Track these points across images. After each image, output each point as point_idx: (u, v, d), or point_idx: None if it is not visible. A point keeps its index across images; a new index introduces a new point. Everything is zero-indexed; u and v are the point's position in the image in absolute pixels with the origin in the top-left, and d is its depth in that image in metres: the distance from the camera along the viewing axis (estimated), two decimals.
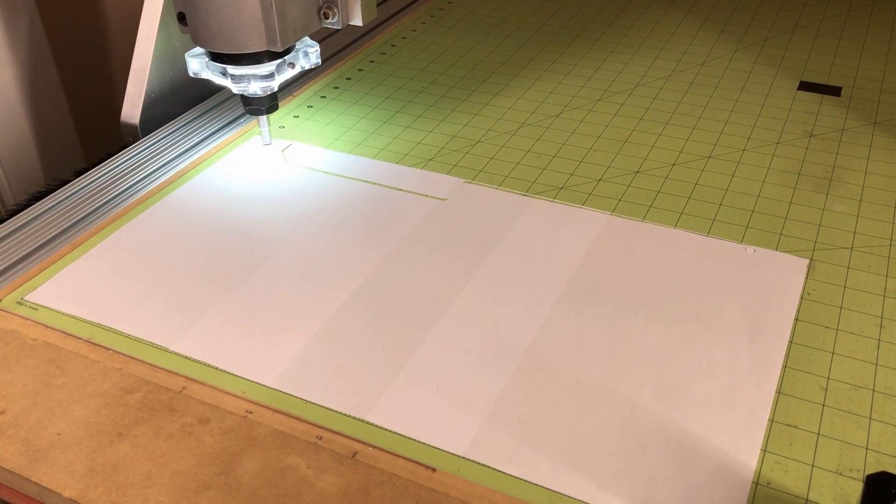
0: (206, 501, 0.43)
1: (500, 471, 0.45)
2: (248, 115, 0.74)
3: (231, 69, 0.66)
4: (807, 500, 0.43)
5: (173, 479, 0.45)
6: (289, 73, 0.67)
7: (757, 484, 0.44)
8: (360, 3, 0.65)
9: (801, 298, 0.56)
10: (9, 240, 0.64)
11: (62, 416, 0.48)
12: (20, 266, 0.61)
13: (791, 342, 0.52)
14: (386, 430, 0.47)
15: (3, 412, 0.49)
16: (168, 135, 0.77)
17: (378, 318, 0.55)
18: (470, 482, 0.44)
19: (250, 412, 0.49)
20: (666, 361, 0.51)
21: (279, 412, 0.48)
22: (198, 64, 0.67)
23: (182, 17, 0.64)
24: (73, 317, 0.56)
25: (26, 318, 0.56)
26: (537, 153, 0.73)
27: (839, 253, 0.60)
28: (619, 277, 0.58)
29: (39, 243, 0.63)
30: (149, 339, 0.54)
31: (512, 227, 0.63)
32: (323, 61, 0.91)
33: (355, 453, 0.46)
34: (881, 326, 0.54)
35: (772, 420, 0.47)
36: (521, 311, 0.55)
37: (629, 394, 0.49)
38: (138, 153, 0.74)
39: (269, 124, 0.72)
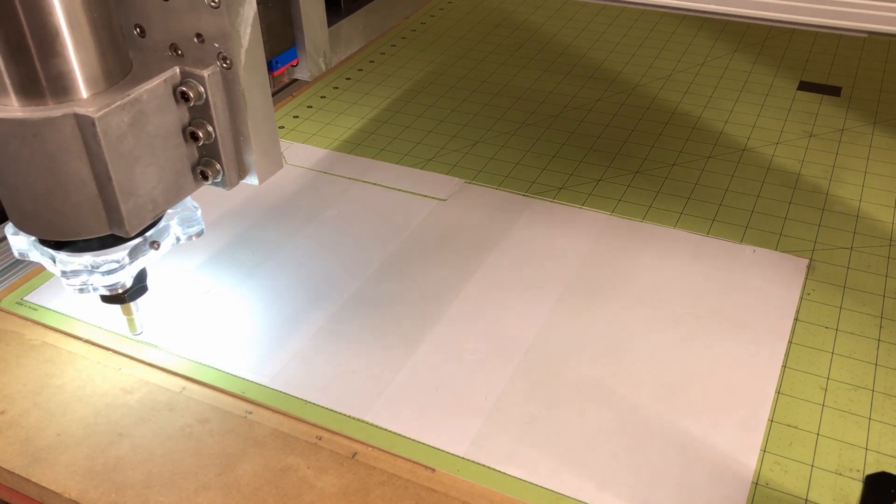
0: (206, 501, 0.43)
1: (500, 471, 0.45)
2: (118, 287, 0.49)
3: (61, 259, 0.46)
4: (806, 500, 0.43)
5: (173, 479, 0.45)
6: (152, 256, 0.48)
7: (756, 484, 0.44)
8: (254, 155, 0.46)
9: (801, 298, 0.56)
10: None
11: (62, 417, 0.48)
12: (20, 266, 0.61)
13: (791, 342, 0.52)
14: (386, 430, 0.47)
15: (3, 412, 0.49)
16: None
17: (378, 318, 0.55)
18: (470, 482, 0.44)
19: (250, 412, 0.49)
20: (666, 361, 0.51)
21: (279, 412, 0.48)
22: (24, 242, 0.47)
23: None
24: (73, 317, 0.56)
25: (26, 318, 0.56)
26: (537, 153, 0.73)
27: (839, 253, 0.60)
28: (619, 277, 0.58)
29: None
30: (149, 340, 0.54)
31: (512, 227, 0.63)
32: None
33: (355, 453, 0.46)
34: (881, 326, 0.54)
35: (771, 420, 0.47)
36: (521, 311, 0.55)
37: (629, 394, 0.49)
38: None
39: (138, 309, 0.52)
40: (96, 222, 0.43)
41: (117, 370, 0.52)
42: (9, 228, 0.47)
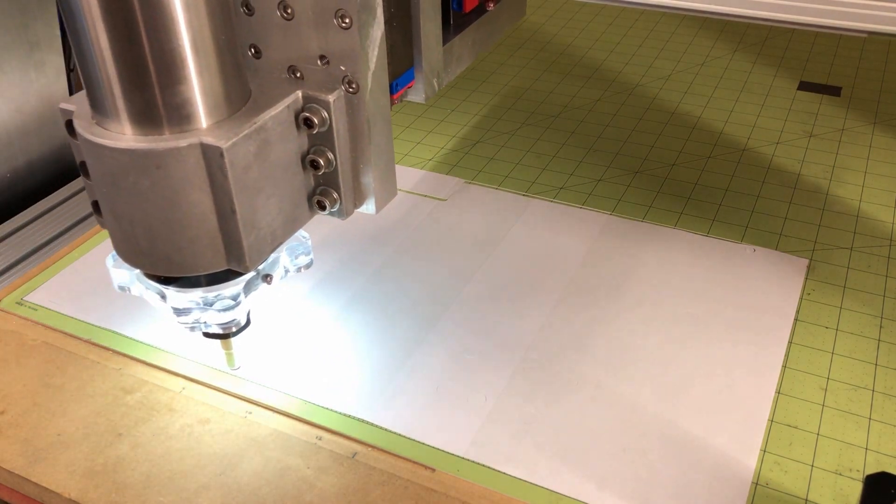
0: (205, 501, 0.43)
1: (499, 471, 0.45)
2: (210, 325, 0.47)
3: (173, 296, 0.45)
4: (806, 500, 0.43)
5: (173, 479, 0.45)
6: (261, 288, 0.47)
7: (756, 484, 0.44)
8: (373, 182, 0.44)
9: (801, 298, 0.56)
10: (9, 240, 0.64)
11: (62, 417, 0.48)
12: (20, 266, 0.61)
13: (791, 342, 0.52)
14: (386, 430, 0.47)
15: (3, 412, 0.49)
16: None
17: (378, 318, 0.55)
18: (469, 482, 0.44)
19: (250, 412, 0.49)
20: (666, 361, 0.51)
21: (279, 412, 0.48)
22: (126, 275, 0.46)
23: (97, 208, 0.43)
24: (73, 317, 0.56)
25: (26, 319, 0.56)
26: (537, 153, 0.73)
27: (839, 253, 0.60)
28: (619, 277, 0.58)
29: (39, 243, 0.63)
30: (148, 340, 0.54)
31: (512, 227, 0.63)
32: None
33: (355, 453, 0.46)
34: (881, 326, 0.54)
35: (771, 420, 0.47)
36: (521, 311, 0.55)
37: (629, 394, 0.49)
38: None
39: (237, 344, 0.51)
40: (214, 257, 0.40)
41: (117, 370, 0.52)
42: (110, 261, 0.46)
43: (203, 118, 0.37)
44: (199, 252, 0.39)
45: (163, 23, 0.34)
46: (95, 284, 0.58)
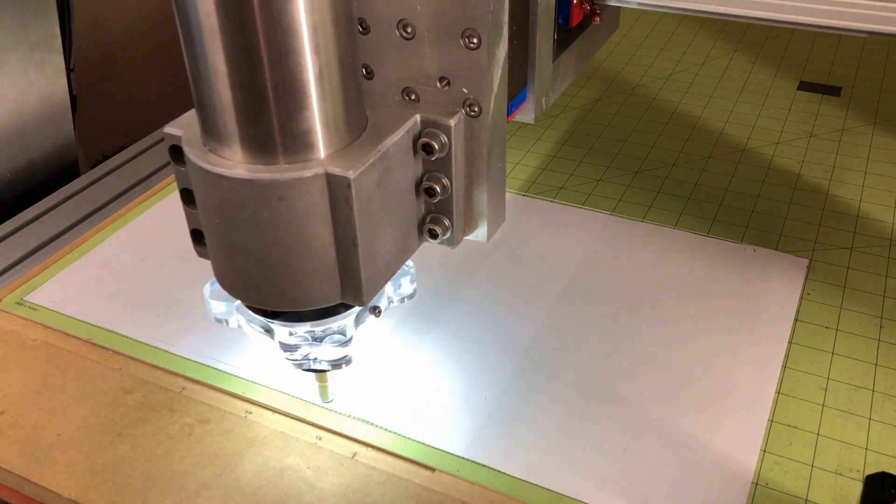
0: (205, 502, 0.43)
1: (499, 471, 0.45)
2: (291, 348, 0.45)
3: (281, 331, 0.43)
4: (806, 500, 0.43)
5: (173, 479, 0.45)
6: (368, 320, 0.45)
7: (756, 484, 0.44)
8: (486, 207, 0.41)
9: (801, 298, 0.56)
10: (9, 240, 0.64)
11: (62, 417, 0.48)
12: (20, 266, 0.61)
13: (791, 342, 0.52)
14: (386, 430, 0.47)
15: (3, 412, 0.49)
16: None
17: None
18: (469, 482, 0.44)
19: (250, 412, 0.49)
20: (666, 361, 0.51)
21: (279, 412, 0.48)
22: (224, 307, 0.45)
23: (199, 237, 0.41)
24: (73, 317, 0.56)
25: (26, 319, 0.56)
26: (537, 153, 0.73)
27: (839, 253, 0.60)
28: (619, 277, 0.58)
29: (39, 243, 0.63)
30: (148, 340, 0.54)
31: (512, 227, 0.63)
32: None
33: (355, 453, 0.46)
34: (881, 326, 0.54)
35: (772, 420, 0.47)
36: (521, 311, 0.55)
37: (629, 394, 0.49)
38: (137, 154, 0.74)
39: (333, 376, 0.48)
40: (329, 290, 0.38)
41: (117, 370, 0.52)
42: (207, 290, 0.45)
43: (325, 146, 0.35)
44: (314, 286, 0.37)
45: (291, 46, 0.32)
46: (95, 284, 0.58)
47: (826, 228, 0.63)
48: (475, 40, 0.36)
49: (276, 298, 0.38)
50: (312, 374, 0.47)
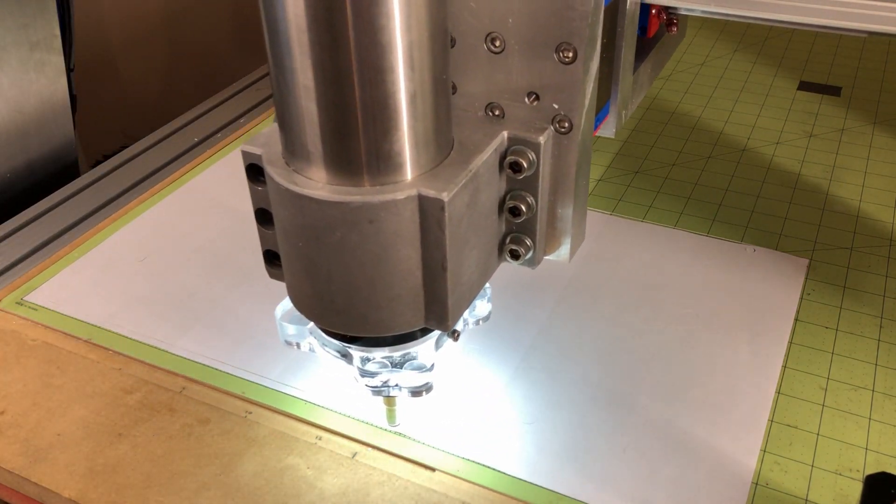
0: (205, 501, 0.43)
1: (500, 471, 0.45)
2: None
3: (359, 355, 0.42)
4: (806, 500, 0.43)
5: (173, 479, 0.45)
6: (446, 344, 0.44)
7: (756, 484, 0.44)
8: (570, 228, 0.40)
9: (801, 298, 0.56)
10: (9, 240, 0.64)
11: (62, 417, 0.48)
12: (20, 266, 0.61)
13: (791, 342, 0.52)
14: (386, 430, 0.47)
15: (3, 412, 0.49)
16: (168, 135, 0.77)
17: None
18: (469, 482, 0.44)
19: (250, 412, 0.49)
20: (666, 361, 0.51)
21: (279, 412, 0.48)
22: (297, 330, 0.44)
23: (272, 258, 0.40)
24: (73, 317, 0.56)
25: (26, 319, 0.56)
26: None
27: (839, 253, 0.60)
28: (619, 277, 0.58)
29: (39, 243, 0.63)
30: (148, 340, 0.54)
31: None
32: None
33: (355, 453, 0.46)
34: (881, 326, 0.54)
35: (772, 420, 0.47)
36: (522, 311, 0.55)
37: (629, 394, 0.49)
38: (137, 154, 0.74)
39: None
40: (413, 315, 0.37)
41: (117, 370, 0.52)
42: (279, 312, 0.44)
43: (414, 167, 0.34)
44: (398, 310, 0.36)
45: (386, 63, 0.31)
46: (95, 284, 0.58)
47: (826, 228, 0.63)
48: (570, 54, 0.35)
49: (358, 323, 0.37)
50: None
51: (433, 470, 0.45)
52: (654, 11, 0.45)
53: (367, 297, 0.35)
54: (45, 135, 0.76)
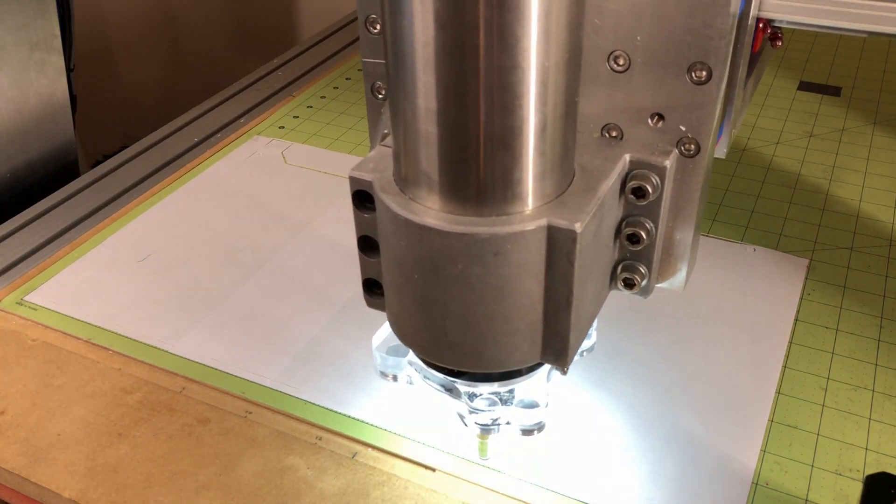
0: (206, 501, 0.43)
1: (499, 471, 0.45)
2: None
3: (468, 391, 0.40)
4: (806, 500, 0.43)
5: (173, 479, 0.45)
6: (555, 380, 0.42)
7: (756, 484, 0.44)
8: (688, 254, 0.39)
9: (801, 298, 0.56)
10: (9, 240, 0.64)
11: (62, 417, 0.48)
12: (20, 266, 0.61)
13: (791, 342, 0.52)
14: (386, 430, 0.47)
15: (3, 412, 0.49)
16: (168, 135, 0.77)
17: (378, 319, 0.55)
18: (470, 482, 0.44)
19: (250, 412, 0.49)
20: (666, 361, 0.51)
21: (279, 412, 0.48)
22: (396, 362, 0.43)
23: (373, 286, 0.38)
24: (73, 317, 0.56)
25: (26, 319, 0.56)
26: None
27: (839, 253, 0.60)
28: None
29: (39, 243, 0.63)
30: (148, 340, 0.54)
31: None
32: (323, 61, 0.91)
33: (355, 453, 0.46)
34: (881, 326, 0.54)
35: (772, 420, 0.47)
36: None
37: (629, 394, 0.49)
38: (137, 154, 0.74)
39: (497, 432, 0.44)
40: (529, 351, 0.35)
41: (117, 370, 0.52)
42: (376, 341, 0.42)
43: (539, 195, 0.32)
44: (515, 346, 0.34)
45: (519, 88, 0.29)
46: (95, 284, 0.58)
47: (826, 228, 0.63)
48: (704, 73, 0.33)
49: (472, 359, 0.35)
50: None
51: (433, 470, 0.45)
52: (759, 25, 0.44)
53: (483, 331, 0.34)
54: (45, 135, 0.76)
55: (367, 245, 0.36)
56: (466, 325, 0.34)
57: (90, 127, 1.07)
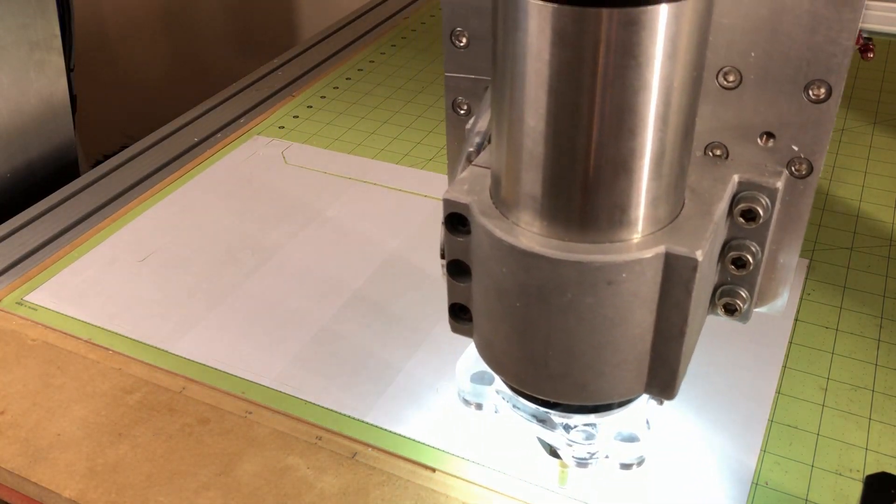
0: (206, 501, 0.43)
1: (499, 471, 0.45)
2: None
3: (564, 423, 0.38)
4: (806, 500, 0.43)
5: (173, 479, 0.45)
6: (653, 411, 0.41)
7: (756, 484, 0.44)
8: (790, 275, 0.37)
9: (801, 298, 0.56)
10: (9, 240, 0.64)
11: (62, 417, 0.48)
12: (20, 266, 0.61)
13: (791, 342, 0.52)
14: (386, 430, 0.47)
15: (3, 412, 0.49)
16: (168, 135, 0.77)
17: (378, 318, 0.55)
18: (470, 482, 0.44)
19: (250, 412, 0.49)
20: None
21: (279, 412, 0.48)
22: (484, 390, 0.41)
23: (460, 312, 0.37)
24: (73, 317, 0.56)
25: (26, 319, 0.56)
26: None
27: (839, 253, 0.60)
28: None
29: (39, 243, 0.63)
30: (148, 340, 0.54)
31: None
32: (323, 61, 0.91)
33: (355, 453, 0.46)
34: (881, 326, 0.54)
35: (772, 420, 0.47)
36: None
37: None
38: (137, 154, 0.74)
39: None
40: (634, 382, 0.33)
41: (117, 370, 0.52)
42: (461, 367, 0.40)
43: (651, 221, 0.31)
44: (620, 377, 0.32)
45: (639, 109, 0.28)
46: (95, 284, 0.58)
47: (826, 228, 0.63)
48: (823, 91, 0.32)
49: (574, 391, 0.33)
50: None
51: (433, 470, 0.45)
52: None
53: (590, 363, 0.32)
54: (45, 135, 0.76)
55: (458, 269, 0.35)
56: (571, 355, 0.32)
57: (90, 127, 1.07)
